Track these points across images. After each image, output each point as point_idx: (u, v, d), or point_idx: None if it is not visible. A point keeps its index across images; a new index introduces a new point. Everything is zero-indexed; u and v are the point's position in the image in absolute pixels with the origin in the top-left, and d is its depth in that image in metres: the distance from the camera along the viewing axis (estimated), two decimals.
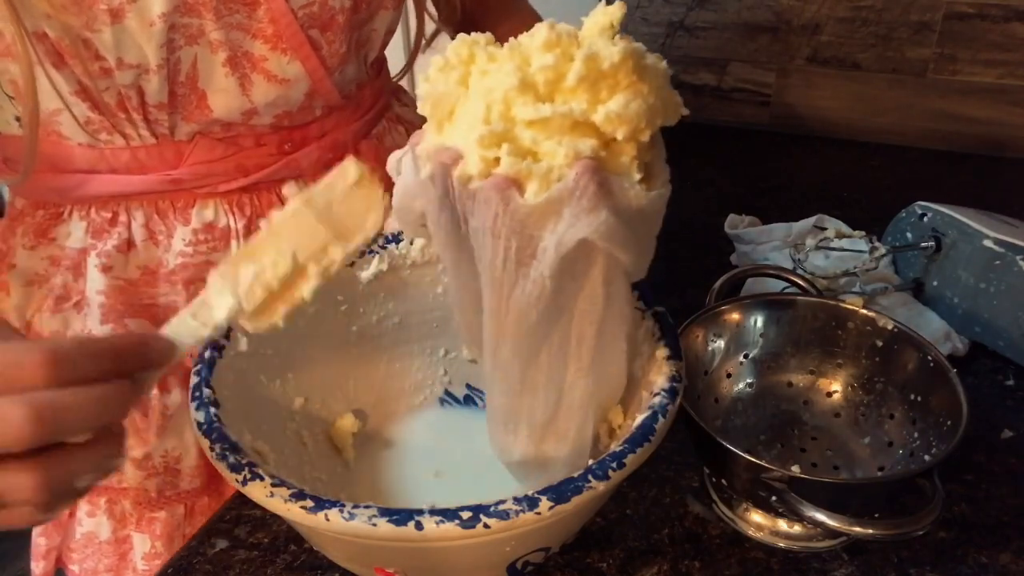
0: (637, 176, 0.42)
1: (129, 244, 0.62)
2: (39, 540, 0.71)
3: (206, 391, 0.47)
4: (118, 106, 0.56)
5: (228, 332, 0.52)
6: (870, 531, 0.49)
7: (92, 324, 0.62)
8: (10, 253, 0.62)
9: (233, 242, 0.63)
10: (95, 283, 0.61)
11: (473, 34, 0.44)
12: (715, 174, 1.10)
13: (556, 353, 0.46)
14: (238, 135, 0.62)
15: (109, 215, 0.61)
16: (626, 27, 1.21)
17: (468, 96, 0.43)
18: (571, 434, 0.49)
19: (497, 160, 0.41)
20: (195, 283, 0.62)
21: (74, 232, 0.62)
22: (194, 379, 0.48)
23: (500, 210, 0.40)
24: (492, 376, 0.48)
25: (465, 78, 0.43)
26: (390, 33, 0.70)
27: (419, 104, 0.44)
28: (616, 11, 0.43)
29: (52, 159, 0.59)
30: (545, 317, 0.44)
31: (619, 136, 0.41)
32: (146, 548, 0.67)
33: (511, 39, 0.43)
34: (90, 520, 0.68)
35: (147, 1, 0.52)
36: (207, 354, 0.50)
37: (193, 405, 0.47)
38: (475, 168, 0.41)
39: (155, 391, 0.63)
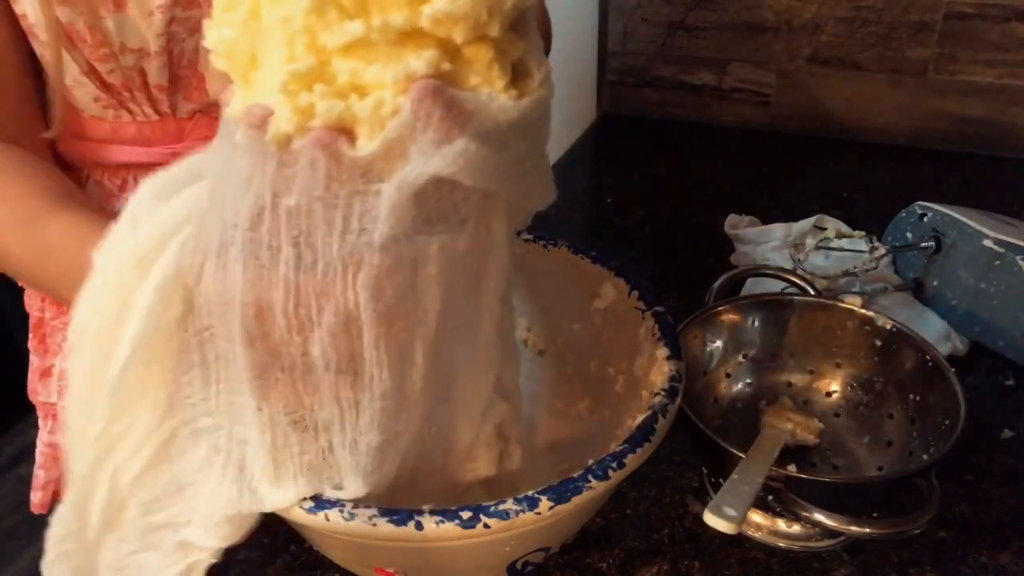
0: (501, 82, 0.34)
1: None
2: (39, 472, 0.75)
3: None
4: (123, 86, 0.60)
5: None
6: (867, 530, 0.49)
7: None
8: None
9: None
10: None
11: None
12: (715, 174, 1.10)
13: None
14: None
15: (119, 182, 0.66)
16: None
17: (266, 32, 0.34)
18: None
19: (313, 108, 0.32)
20: None
21: (90, 196, 0.66)
22: None
23: (333, 170, 0.32)
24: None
25: (256, 9, 0.34)
26: None
27: (212, 58, 0.35)
28: None
29: (72, 127, 0.64)
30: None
31: (458, 39, 0.32)
32: None
33: None
34: None
35: None
36: None
37: None
38: (289, 123, 0.32)
39: None
